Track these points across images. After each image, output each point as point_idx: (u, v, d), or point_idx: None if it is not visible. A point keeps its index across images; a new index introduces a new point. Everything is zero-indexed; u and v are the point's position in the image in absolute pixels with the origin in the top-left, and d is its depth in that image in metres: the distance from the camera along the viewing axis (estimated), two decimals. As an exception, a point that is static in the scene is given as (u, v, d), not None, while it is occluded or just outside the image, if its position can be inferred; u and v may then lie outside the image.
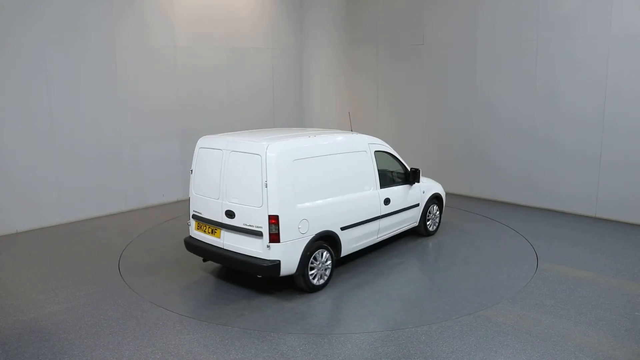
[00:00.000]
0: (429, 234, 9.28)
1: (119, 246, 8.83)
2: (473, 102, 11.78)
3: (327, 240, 7.10)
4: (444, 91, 12.27)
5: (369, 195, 7.77)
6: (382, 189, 8.00)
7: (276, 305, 6.69)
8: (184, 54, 11.54)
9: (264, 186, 6.46)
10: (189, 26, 11.55)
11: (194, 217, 7.41)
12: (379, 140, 8.35)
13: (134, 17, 10.71)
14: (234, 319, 6.32)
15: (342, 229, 7.26)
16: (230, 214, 6.83)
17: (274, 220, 6.44)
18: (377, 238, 8.08)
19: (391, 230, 8.37)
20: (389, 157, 8.47)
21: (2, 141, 9.28)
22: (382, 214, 7.95)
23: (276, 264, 6.52)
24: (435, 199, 9.32)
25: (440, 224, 9.63)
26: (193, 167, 7.42)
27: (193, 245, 7.38)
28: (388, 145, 8.52)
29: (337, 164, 7.35)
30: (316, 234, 6.85)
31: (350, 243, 7.49)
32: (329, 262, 7.13)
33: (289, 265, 6.64)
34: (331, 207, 7.12)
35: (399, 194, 8.37)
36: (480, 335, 5.92)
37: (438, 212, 9.44)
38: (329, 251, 7.11)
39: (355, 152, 7.69)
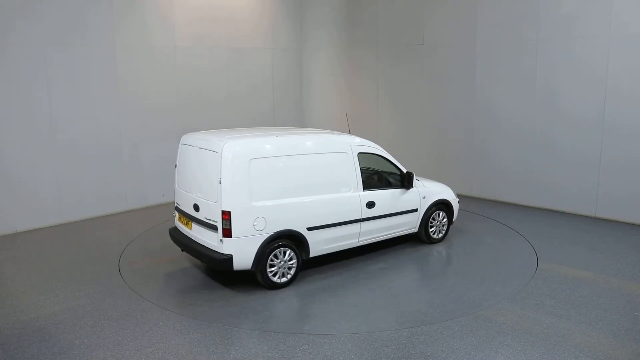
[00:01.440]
0: (433, 241, 8.89)
1: (119, 246, 8.83)
2: (473, 102, 11.79)
3: (291, 239, 7.14)
4: (444, 91, 12.27)
5: (347, 197, 7.62)
6: (366, 192, 7.81)
7: (233, 300, 6.83)
8: (184, 54, 11.54)
9: (218, 182, 6.67)
10: (189, 26, 11.55)
11: (176, 208, 7.88)
12: (367, 142, 8.08)
13: (134, 17, 10.71)
14: (186, 307, 6.57)
15: (309, 229, 7.24)
16: (196, 208, 7.18)
17: (226, 215, 6.65)
18: (359, 242, 7.92)
19: (378, 235, 8.15)
20: (382, 159, 8.29)
21: (2, 141, 9.28)
22: (363, 217, 7.77)
23: (228, 258, 6.73)
24: (443, 205, 8.90)
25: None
26: (177, 162, 7.87)
27: (173, 236, 7.82)
28: (379, 147, 8.25)
29: (307, 164, 7.29)
30: (275, 232, 6.94)
31: (321, 244, 7.45)
32: (293, 261, 7.19)
33: (243, 260, 6.80)
34: (294, 206, 7.11)
35: (387, 197, 8.11)
36: (480, 335, 5.92)
37: (445, 220, 9.01)
38: (293, 250, 7.16)
39: (332, 153, 7.58)
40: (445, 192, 9.01)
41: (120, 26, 10.49)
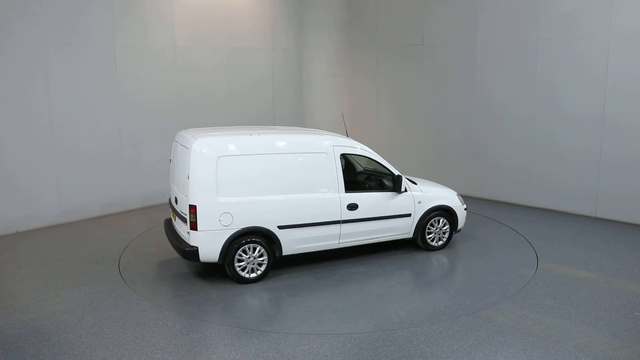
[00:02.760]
0: (431, 249, 8.53)
1: (119, 246, 8.83)
2: (473, 102, 11.78)
3: (260, 236, 7.28)
4: (444, 91, 12.27)
5: (324, 198, 7.58)
6: (348, 194, 7.71)
7: (201, 292, 7.11)
8: (184, 54, 11.54)
9: (186, 177, 7.00)
10: (189, 26, 11.54)
11: (169, 202, 8.24)
12: (353, 143, 7.96)
13: (134, 17, 10.70)
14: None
15: (281, 227, 7.32)
16: (176, 201, 7.63)
17: (192, 209, 6.97)
18: (340, 243, 7.82)
19: (363, 238, 7.99)
20: (372, 162, 8.16)
21: (2, 141, 9.27)
22: (343, 219, 7.68)
23: (194, 250, 7.05)
24: (445, 211, 8.49)
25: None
26: (171, 158, 8.19)
27: (165, 227, 8.18)
28: (367, 149, 8.08)
29: (280, 164, 7.37)
30: (242, 228, 7.13)
31: (295, 243, 7.49)
32: (263, 257, 7.33)
33: (209, 253, 7.08)
34: (264, 204, 7.22)
35: (373, 200, 7.92)
36: (480, 335, 5.93)
37: (447, 227, 8.59)
38: (263, 247, 7.28)
39: (310, 154, 7.57)
40: (448, 198, 8.61)
41: (120, 26, 10.48)
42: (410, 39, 12.66)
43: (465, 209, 8.79)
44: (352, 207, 7.74)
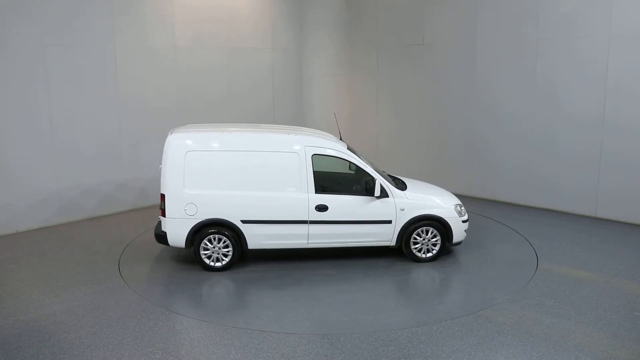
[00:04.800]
0: (417, 260, 8.03)
1: (119, 246, 8.83)
2: (473, 102, 11.78)
3: (226, 228, 7.63)
4: (444, 91, 12.27)
5: (291, 197, 7.63)
6: (318, 195, 7.65)
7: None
8: (184, 54, 11.54)
9: (159, 169, 7.65)
10: (189, 26, 11.54)
11: None
12: (330, 144, 7.85)
13: (134, 16, 10.70)
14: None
15: (244, 222, 7.61)
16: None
17: (162, 198, 7.59)
18: (309, 243, 7.79)
19: (335, 240, 7.84)
20: (354, 164, 7.91)
21: (2, 141, 9.27)
22: (311, 219, 7.64)
23: (164, 235, 7.67)
24: (435, 221, 7.97)
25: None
26: None
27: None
28: (345, 151, 7.88)
29: (248, 161, 7.65)
30: (206, 219, 7.57)
31: (260, 238, 7.73)
32: (228, 249, 7.68)
33: (176, 239, 7.66)
34: (226, 198, 7.59)
35: (345, 203, 7.75)
36: (480, 335, 5.93)
37: (438, 239, 8.03)
38: (229, 239, 7.63)
39: (279, 153, 7.69)
40: (440, 208, 8.04)
41: (119, 26, 10.48)
42: (410, 39, 12.66)
43: (464, 221, 8.15)
44: (321, 208, 7.69)
